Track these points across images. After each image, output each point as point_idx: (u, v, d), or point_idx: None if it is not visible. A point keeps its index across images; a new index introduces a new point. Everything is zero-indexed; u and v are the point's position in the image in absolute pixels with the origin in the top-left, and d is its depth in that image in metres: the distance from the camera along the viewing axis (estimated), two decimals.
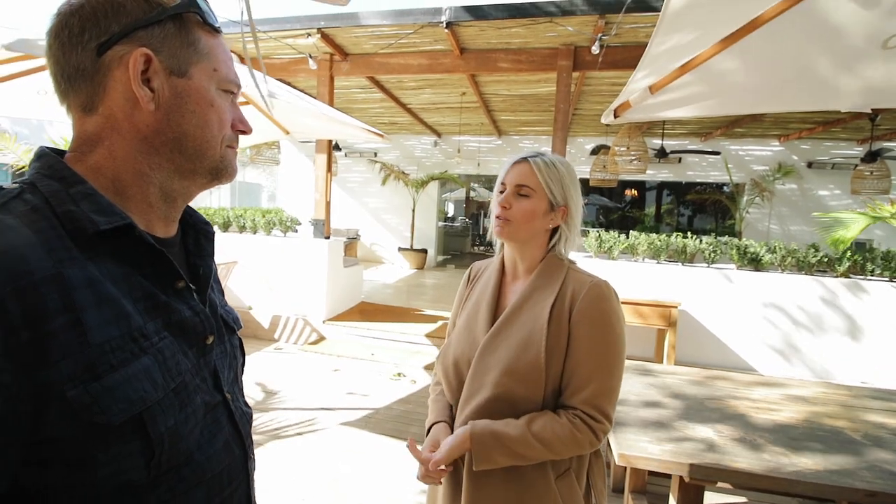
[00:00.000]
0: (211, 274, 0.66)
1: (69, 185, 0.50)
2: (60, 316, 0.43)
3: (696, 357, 4.33)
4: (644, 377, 2.27)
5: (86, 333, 0.45)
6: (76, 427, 0.44)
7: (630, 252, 4.65)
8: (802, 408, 1.98)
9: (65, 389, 0.43)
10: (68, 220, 0.48)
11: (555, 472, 0.98)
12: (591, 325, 0.96)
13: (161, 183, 0.57)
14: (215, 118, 0.57)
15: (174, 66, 0.54)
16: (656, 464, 1.52)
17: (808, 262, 4.18)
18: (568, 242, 1.07)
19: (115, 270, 0.50)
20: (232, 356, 0.67)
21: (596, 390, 0.94)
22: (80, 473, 0.45)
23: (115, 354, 0.47)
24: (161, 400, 0.50)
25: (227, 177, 0.61)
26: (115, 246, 0.51)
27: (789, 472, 1.44)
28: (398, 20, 4.38)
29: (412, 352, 4.68)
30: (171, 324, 0.54)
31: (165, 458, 0.50)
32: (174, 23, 0.54)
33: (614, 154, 6.38)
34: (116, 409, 0.46)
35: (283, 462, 2.62)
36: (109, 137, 0.53)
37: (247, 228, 5.57)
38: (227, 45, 0.61)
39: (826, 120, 6.77)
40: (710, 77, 1.51)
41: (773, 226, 8.32)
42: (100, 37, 0.50)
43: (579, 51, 4.55)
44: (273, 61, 5.40)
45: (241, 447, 0.63)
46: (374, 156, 10.04)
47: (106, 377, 0.45)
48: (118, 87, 0.52)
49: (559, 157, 1.06)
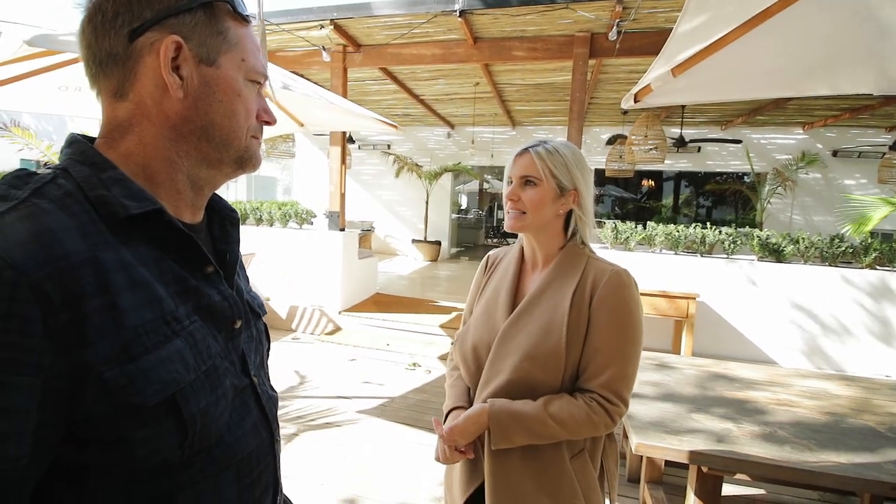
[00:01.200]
0: (237, 259, 0.66)
1: (101, 171, 0.51)
2: (97, 298, 0.44)
3: (715, 349, 4.26)
4: (662, 369, 2.25)
5: (121, 316, 0.46)
6: (113, 407, 0.45)
7: (647, 243, 4.59)
8: (825, 401, 1.94)
9: (101, 371, 0.44)
10: (101, 204, 0.49)
11: (569, 451, 1.00)
12: (611, 312, 0.97)
13: (188, 171, 0.57)
14: (242, 108, 0.58)
15: (203, 55, 0.54)
16: (674, 453, 1.51)
17: (832, 253, 4.07)
18: (585, 226, 1.07)
19: (146, 254, 0.51)
20: (258, 341, 0.68)
21: (613, 375, 0.96)
22: (118, 452, 0.46)
23: (149, 337, 0.48)
24: (193, 382, 0.51)
25: (252, 166, 0.62)
26: (146, 230, 0.52)
27: (812, 464, 1.42)
28: (411, 9, 4.35)
29: (427, 342, 4.70)
30: (200, 308, 0.55)
31: (198, 438, 0.51)
32: (205, 11, 0.54)
33: (631, 143, 6.28)
34: (151, 390, 0.47)
35: (302, 449, 2.67)
36: (140, 124, 0.54)
37: (263, 221, 5.64)
38: (255, 35, 0.61)
39: (853, 106, 6.55)
40: (735, 60, 1.46)
41: (796, 216, 8.11)
42: (132, 22, 0.51)
43: (596, 38, 4.46)
44: (287, 54, 5.42)
45: (268, 430, 0.64)
46: (387, 148, 10.03)
47: (141, 359, 0.46)
48: (149, 74, 0.52)
49: (563, 142, 1.07)
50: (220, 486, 0.55)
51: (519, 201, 1.04)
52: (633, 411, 1.76)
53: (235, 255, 0.66)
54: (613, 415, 0.95)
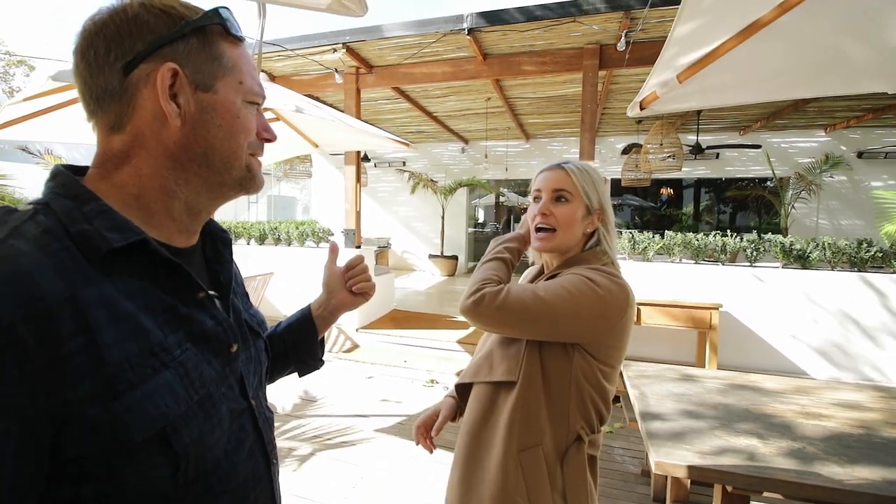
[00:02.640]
0: (231, 279, 0.66)
1: (83, 203, 0.50)
2: (76, 338, 0.44)
3: (741, 361, 4.13)
4: (685, 382, 2.18)
5: (102, 352, 0.45)
6: (99, 444, 0.44)
7: (666, 253, 4.50)
8: (857, 414, 1.85)
9: (85, 409, 0.43)
10: (82, 239, 0.48)
11: (520, 445, 0.96)
12: (572, 273, 0.98)
13: (186, 198, 0.57)
14: (241, 130, 0.57)
15: (199, 81, 0.54)
16: (696, 472, 1.45)
17: (860, 258, 3.93)
18: (610, 243, 1.06)
19: (132, 286, 0.50)
20: (257, 360, 0.67)
21: (523, 289, 0.96)
22: (111, 483, 0.46)
23: (134, 371, 0.47)
24: (184, 413, 0.50)
25: (255, 187, 0.61)
26: (132, 261, 0.51)
27: (843, 482, 1.35)
28: (420, 30, 4.44)
29: (445, 358, 4.67)
30: (193, 334, 0.54)
31: (192, 468, 0.51)
32: (197, 37, 0.53)
33: (647, 152, 6.22)
34: (137, 426, 0.46)
35: (319, 469, 2.66)
36: (137, 155, 0.53)
37: (281, 240, 5.74)
38: (250, 54, 0.60)
39: (875, 107, 6.37)
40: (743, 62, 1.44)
41: (823, 221, 7.86)
42: (125, 56, 0.51)
43: (605, 49, 4.47)
44: (302, 77, 5.57)
45: (263, 452, 0.64)
46: (402, 165, 10.16)
47: (126, 395, 0.45)
48: (146, 105, 0.52)
49: (586, 163, 1.10)
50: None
51: (551, 216, 1.03)
52: (654, 427, 1.71)
53: (229, 274, 0.66)
54: (489, 297, 0.94)
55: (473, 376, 1.07)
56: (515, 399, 0.97)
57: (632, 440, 3.02)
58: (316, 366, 0.91)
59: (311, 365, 0.91)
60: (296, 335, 0.88)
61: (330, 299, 0.90)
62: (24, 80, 11.52)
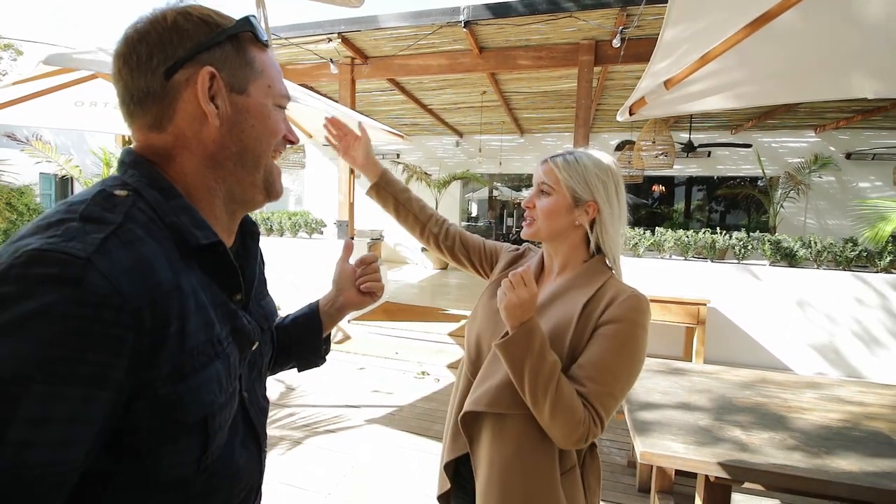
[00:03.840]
0: (255, 277, 0.68)
1: (169, 197, 0.54)
2: (176, 322, 0.48)
3: (727, 356, 4.20)
4: (672, 376, 2.23)
5: (186, 339, 0.49)
6: (159, 420, 0.48)
7: (656, 249, 4.55)
8: (838, 408, 1.90)
9: (157, 387, 0.47)
10: (175, 231, 0.52)
11: (562, 467, 0.96)
12: (617, 328, 0.93)
13: (224, 196, 0.60)
14: (272, 131, 0.61)
15: (234, 84, 0.57)
16: (680, 462, 1.49)
17: (845, 256, 4.00)
18: (609, 243, 1.04)
19: (203, 280, 0.55)
20: (259, 353, 0.69)
21: (601, 390, 0.90)
22: (146, 463, 0.49)
23: (198, 358, 0.51)
24: (223, 402, 0.54)
25: (275, 194, 0.64)
26: (204, 258, 0.55)
27: (822, 473, 1.39)
28: (417, 21, 4.41)
29: (436, 350, 4.70)
30: (235, 330, 0.59)
31: (211, 454, 0.54)
32: (232, 44, 0.57)
33: (639, 149, 6.25)
34: (193, 408, 0.50)
35: (309, 458, 2.68)
36: (180, 154, 0.56)
37: (274, 231, 5.72)
38: (275, 60, 0.64)
39: (865, 108, 6.46)
40: (731, 67, 1.46)
41: (810, 220, 7.98)
42: (167, 62, 0.53)
43: (601, 45, 4.48)
44: (296, 67, 5.52)
45: (255, 441, 0.66)
46: (396, 157, 10.12)
47: (190, 379, 0.49)
48: (187, 108, 0.55)
49: (589, 153, 1.04)
50: (219, 496, 0.57)
51: (533, 208, 1.05)
52: (640, 418, 1.75)
53: (253, 272, 0.68)
54: (592, 430, 0.88)
55: (495, 406, 0.98)
56: None
57: (618, 432, 3.07)
58: (317, 363, 0.91)
59: (313, 362, 0.91)
60: (301, 330, 0.88)
61: (338, 296, 0.92)
62: (11, 65, 11.28)
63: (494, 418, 0.99)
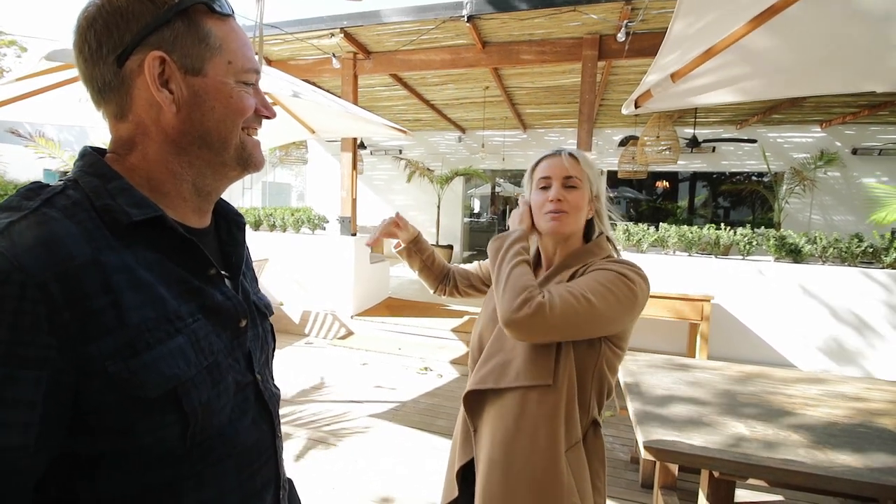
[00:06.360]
0: (242, 261, 0.69)
1: (107, 181, 0.54)
2: (100, 297, 0.48)
3: (731, 352, 4.19)
4: (676, 371, 2.22)
5: (124, 314, 0.49)
6: (118, 398, 0.48)
7: (660, 245, 4.53)
8: (844, 404, 1.89)
9: (106, 365, 0.47)
10: (106, 212, 0.52)
11: (566, 443, 0.96)
12: (601, 272, 0.96)
13: (193, 179, 0.59)
14: (236, 111, 0.58)
15: (189, 66, 0.54)
16: (684, 458, 1.49)
17: (851, 252, 3.97)
18: (606, 231, 1.11)
19: (149, 258, 0.54)
20: (264, 340, 0.70)
21: (562, 290, 0.91)
22: (127, 440, 0.49)
23: (151, 334, 0.51)
24: (194, 377, 0.53)
25: (254, 166, 0.63)
26: (149, 236, 0.54)
27: (826, 469, 1.39)
28: (420, 16, 4.39)
29: (438, 346, 4.70)
30: (205, 308, 0.58)
31: (199, 429, 0.54)
32: (182, 21, 0.54)
33: (643, 144, 6.22)
34: (152, 383, 0.50)
35: (314, 453, 2.69)
36: (142, 142, 0.56)
37: (276, 227, 5.72)
38: (240, 29, 0.59)
39: (872, 103, 6.39)
40: (738, 60, 1.45)
41: (815, 216, 7.93)
42: (116, 49, 0.52)
43: (605, 39, 4.44)
44: (299, 62, 5.50)
45: (269, 424, 0.66)
46: (398, 153, 10.10)
47: (143, 354, 0.49)
48: (142, 95, 0.54)
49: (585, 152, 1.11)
50: (221, 475, 0.57)
51: (564, 202, 1.03)
52: (644, 414, 1.74)
53: (240, 257, 0.68)
54: (540, 303, 0.87)
55: (496, 382, 1.01)
56: (554, 401, 0.95)
57: (622, 428, 3.08)
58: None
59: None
60: None
61: None
62: (16, 61, 11.29)
63: (496, 396, 1.02)
